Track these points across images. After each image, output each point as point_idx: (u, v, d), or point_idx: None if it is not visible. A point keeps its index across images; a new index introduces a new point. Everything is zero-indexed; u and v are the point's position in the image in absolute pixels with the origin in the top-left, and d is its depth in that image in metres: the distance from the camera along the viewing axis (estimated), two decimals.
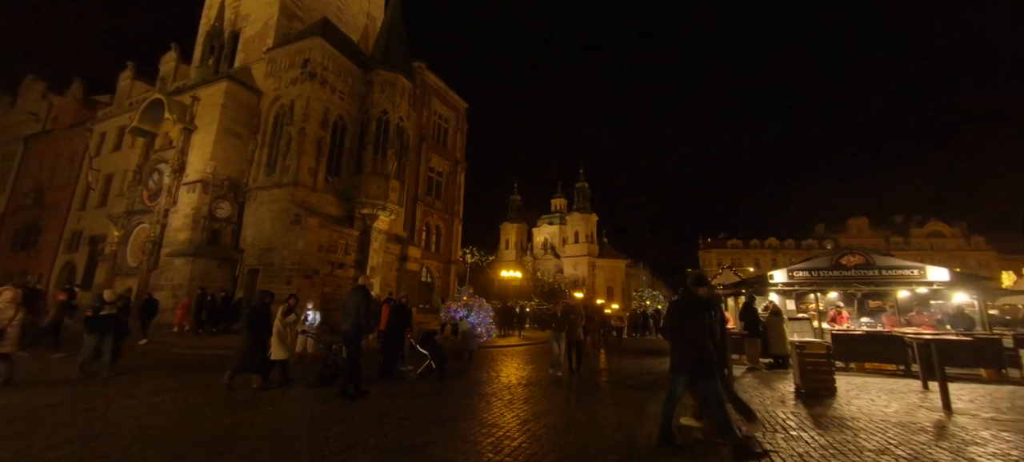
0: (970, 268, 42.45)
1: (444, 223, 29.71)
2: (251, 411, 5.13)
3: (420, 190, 27.28)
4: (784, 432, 4.63)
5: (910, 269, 10.74)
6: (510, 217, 73.56)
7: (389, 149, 20.82)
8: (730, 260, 48.60)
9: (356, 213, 20.01)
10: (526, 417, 5.17)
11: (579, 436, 4.42)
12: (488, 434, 4.42)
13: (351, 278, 19.74)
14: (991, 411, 5.71)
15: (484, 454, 3.79)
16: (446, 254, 29.73)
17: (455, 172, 30.65)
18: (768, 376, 8.68)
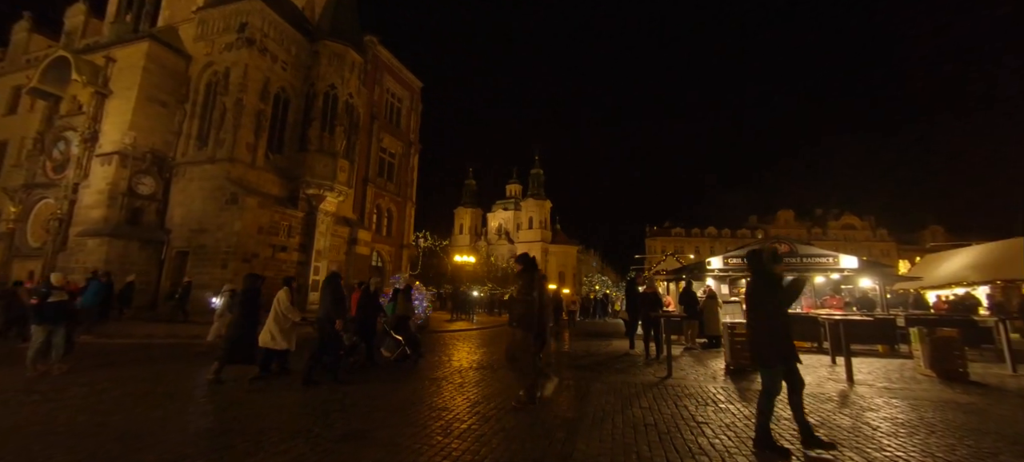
0: (874, 257, 47.82)
1: (396, 206, 28.91)
2: (238, 408, 4.78)
3: (371, 171, 26.27)
4: (714, 405, 5.03)
5: (826, 257, 11.95)
6: (465, 202, 72.94)
7: (337, 126, 19.81)
8: (673, 247, 51.42)
9: (301, 193, 18.93)
10: (476, 399, 5.23)
11: (528, 416, 4.53)
12: (438, 417, 4.43)
13: (296, 262, 18.78)
14: (885, 381, 6.53)
15: (433, 436, 3.80)
16: (398, 238, 29.02)
17: (408, 154, 29.80)
18: (703, 355, 9.35)
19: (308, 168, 18.80)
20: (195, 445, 3.52)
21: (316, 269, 18.86)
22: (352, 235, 22.94)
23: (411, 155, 29.98)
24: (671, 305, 12.64)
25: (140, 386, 5.58)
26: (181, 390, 5.50)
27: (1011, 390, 6.05)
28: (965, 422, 4.42)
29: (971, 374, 6.70)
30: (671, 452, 3.49)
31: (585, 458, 3.34)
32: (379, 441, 3.65)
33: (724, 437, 3.88)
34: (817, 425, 4.26)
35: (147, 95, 17.38)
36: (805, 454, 3.45)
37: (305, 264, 18.95)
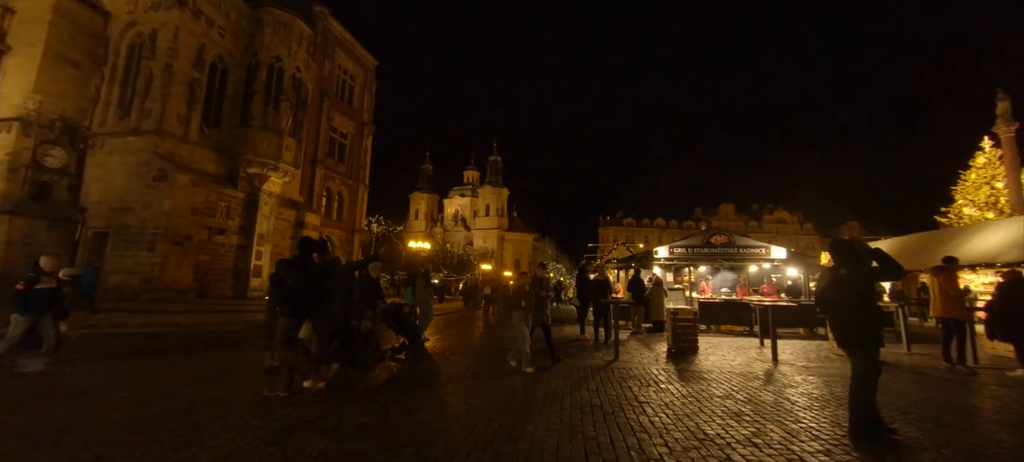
0: (801, 248, 52.41)
1: (348, 189, 27.78)
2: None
3: (320, 151, 25.01)
4: (656, 385, 5.33)
5: (760, 248, 12.92)
6: (421, 187, 71.52)
7: (283, 102, 18.59)
8: (624, 236, 53.49)
9: (241, 172, 17.69)
10: (426, 383, 5.21)
11: (478, 401, 4.58)
12: (397, 403, 4.37)
13: (235, 246, 17.60)
14: (804, 361, 7.22)
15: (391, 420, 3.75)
16: (350, 222, 27.97)
17: (361, 135, 28.63)
18: (648, 339, 9.87)
19: (250, 145, 17.57)
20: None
21: (258, 253, 17.79)
22: (299, 218, 21.81)
23: (364, 136, 28.83)
24: (620, 292, 13.17)
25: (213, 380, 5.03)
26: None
27: (906, 366, 6.90)
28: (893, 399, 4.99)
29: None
30: (614, 430, 3.67)
31: (533, 439, 3.43)
32: (324, 430, 3.55)
33: (663, 415, 4.13)
34: (745, 400, 4.65)
35: (55, 54, 15.40)
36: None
37: (246, 248, 17.82)
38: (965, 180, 23.32)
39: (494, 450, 3.20)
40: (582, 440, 3.44)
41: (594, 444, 3.36)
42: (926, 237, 17.50)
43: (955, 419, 4.16)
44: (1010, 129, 19.02)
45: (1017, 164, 19.28)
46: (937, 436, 3.62)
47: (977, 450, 3.36)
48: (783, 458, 3.13)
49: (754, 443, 3.41)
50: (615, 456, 3.14)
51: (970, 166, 23.24)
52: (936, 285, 6.87)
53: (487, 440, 3.39)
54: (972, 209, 22.62)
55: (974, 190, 22.82)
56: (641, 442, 3.41)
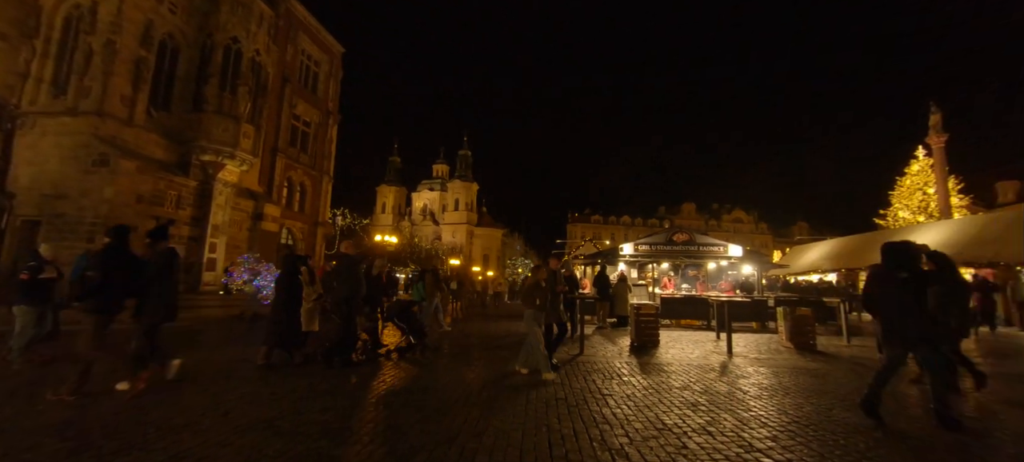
0: (755, 247, 55.19)
1: (311, 180, 26.82)
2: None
3: (281, 140, 24.00)
4: (618, 378, 5.49)
5: (718, 245, 13.51)
6: (388, 179, 69.97)
7: (241, 86, 17.63)
8: (592, 233, 54.44)
9: (193, 159, 16.67)
10: (384, 380, 5.13)
11: (443, 395, 4.56)
12: (355, 398, 4.27)
13: (186, 238, 16.61)
14: (756, 353, 7.63)
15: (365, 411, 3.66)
16: (312, 215, 27.03)
17: (326, 124, 27.66)
18: (612, 333, 10.13)
19: (204, 131, 16.56)
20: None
21: (212, 245, 16.87)
22: (257, 209, 20.83)
23: (329, 125, 27.87)
24: (587, 287, 13.44)
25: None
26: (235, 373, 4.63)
27: (845, 358, 7.43)
28: (811, 385, 5.34)
29: (818, 345, 8.10)
30: (578, 422, 3.76)
31: (498, 433, 3.45)
32: (281, 430, 3.43)
33: (625, 406, 4.26)
34: (702, 391, 4.87)
35: None
36: None
37: (198, 240, 16.85)
38: (901, 186, 25.30)
39: (459, 444, 3.19)
40: (547, 432, 3.50)
41: (558, 436, 3.42)
42: (866, 238, 18.88)
43: (886, 405, 4.52)
44: (940, 140, 20.76)
45: (945, 172, 21.10)
46: (873, 419, 3.92)
47: (906, 435, 3.68)
48: (734, 445, 3.31)
49: (708, 431, 3.58)
50: (578, 447, 3.21)
51: (905, 173, 25.23)
52: None
53: (452, 435, 3.39)
54: (907, 213, 24.57)
55: (908, 195, 24.80)
56: (603, 433, 3.50)
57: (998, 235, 12.69)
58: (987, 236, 13.01)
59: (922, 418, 4.13)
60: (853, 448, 3.27)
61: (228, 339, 8.48)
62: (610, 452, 3.13)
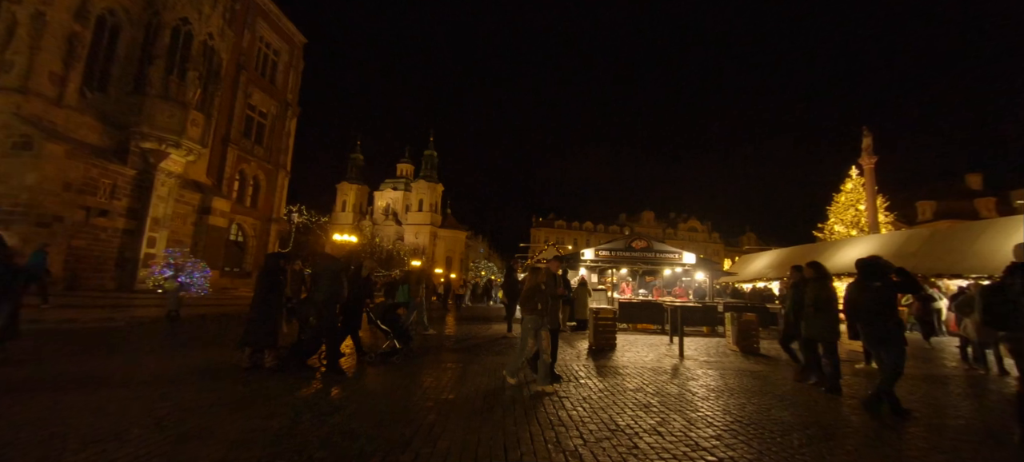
0: (708, 255, 58.00)
1: (265, 174, 25.58)
2: None
3: (234, 130, 22.75)
4: (575, 381, 5.59)
5: (674, 253, 14.08)
6: (350, 177, 67.87)
7: (190, 71, 16.58)
8: (555, 238, 55.29)
9: (133, 146, 15.50)
10: (340, 383, 4.96)
11: (404, 398, 4.47)
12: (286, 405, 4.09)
13: (121, 231, 15.37)
14: (705, 356, 8.00)
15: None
16: (266, 210, 25.76)
17: (284, 116, 26.49)
18: (571, 337, 10.29)
19: (146, 116, 15.43)
20: None
21: (151, 240, 15.71)
22: (205, 203, 19.62)
23: (287, 118, 26.71)
24: None
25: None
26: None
27: (785, 361, 7.93)
28: (754, 386, 5.67)
29: (762, 349, 8.61)
30: (534, 425, 3.79)
31: (454, 437, 3.42)
32: (223, 438, 3.23)
33: (581, 408, 4.34)
34: (653, 393, 5.05)
35: None
36: None
37: (135, 234, 15.64)
38: (837, 202, 27.44)
39: (412, 451, 3.13)
40: (503, 436, 3.50)
41: (514, 439, 3.43)
42: (805, 249, 20.31)
43: (819, 405, 4.87)
44: (871, 161, 22.71)
45: (875, 191, 23.09)
46: (806, 417, 4.22)
47: (832, 428, 3.98)
48: (681, 444, 3.45)
49: (658, 431, 3.72)
50: (533, 449, 3.24)
51: (841, 190, 27.39)
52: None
53: (405, 440, 3.32)
54: (841, 226, 26.66)
55: (843, 211, 26.93)
56: (558, 435, 3.55)
57: (916, 250, 14.02)
58: (907, 250, 14.34)
59: (854, 412, 4.48)
60: (788, 445, 3.49)
61: (164, 341, 7.90)
62: (564, 454, 3.18)
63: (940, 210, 36.49)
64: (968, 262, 11.65)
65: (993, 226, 13.38)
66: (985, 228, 13.55)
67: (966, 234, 13.54)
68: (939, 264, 12.64)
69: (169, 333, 8.69)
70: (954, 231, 14.59)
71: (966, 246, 12.61)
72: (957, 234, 13.96)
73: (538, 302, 5.21)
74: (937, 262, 12.73)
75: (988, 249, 11.49)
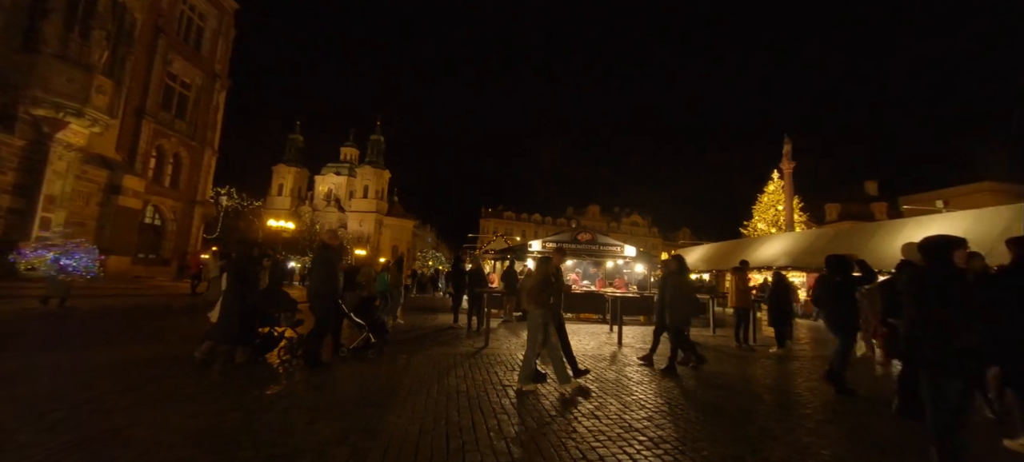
0: (648, 249, 61.28)
1: (189, 152, 23.29)
2: None
3: (151, 102, 20.46)
4: (518, 370, 5.69)
5: (617, 246, 14.72)
6: (288, 159, 63.66)
7: (96, 30, 14.62)
8: (504, 229, 55.63)
9: (21, 112, 13.44)
10: (274, 376, 4.70)
11: (345, 390, 4.31)
12: (240, 399, 3.81)
13: (6, 209, 13.34)
14: (641, 343, 8.48)
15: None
16: (189, 192, 23.51)
17: (211, 88, 24.20)
18: (517, 327, 10.45)
19: (39, 78, 13.42)
20: None
21: (44, 221, 13.78)
22: (113, 181, 17.52)
23: (215, 91, 24.43)
24: (495, 281, 13.69)
25: None
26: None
27: (712, 346, 8.62)
28: (684, 370, 6.10)
29: (692, 336, 9.26)
30: (477, 414, 3.82)
31: (394, 430, 3.36)
32: (131, 440, 2.93)
33: (523, 396, 4.44)
34: (593, 379, 5.27)
35: None
36: None
37: (25, 214, 13.66)
38: (760, 202, 30.08)
39: (350, 445, 3.04)
40: (445, 426, 3.50)
41: (457, 428, 3.44)
42: (732, 244, 22.08)
43: (737, 386, 5.36)
44: (790, 166, 25.08)
45: (792, 193, 25.56)
46: (726, 399, 4.62)
47: (747, 406, 4.40)
48: (616, 426, 3.65)
49: (596, 415, 3.90)
50: (475, 438, 3.27)
51: (764, 191, 30.03)
52: (733, 282, 8.73)
53: (342, 435, 3.21)
54: (763, 224, 29.29)
55: (765, 210, 29.58)
56: (501, 423, 3.61)
57: (823, 246, 15.75)
58: (817, 246, 16.07)
59: (766, 391, 4.97)
60: (711, 423, 3.82)
61: (63, 336, 7.00)
62: (505, 440, 3.24)
63: (843, 212, 41.17)
64: (864, 257, 13.29)
65: (883, 227, 15.37)
66: (877, 229, 15.53)
67: (863, 234, 15.43)
68: None
69: (61, 327, 7.69)
70: (853, 231, 16.58)
71: (863, 244, 14.36)
72: (856, 233, 15.86)
73: (550, 295, 4.85)
74: None
75: (880, 247, 13.16)
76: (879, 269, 11.70)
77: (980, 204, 21.68)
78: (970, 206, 18.15)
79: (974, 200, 29.76)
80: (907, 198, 38.38)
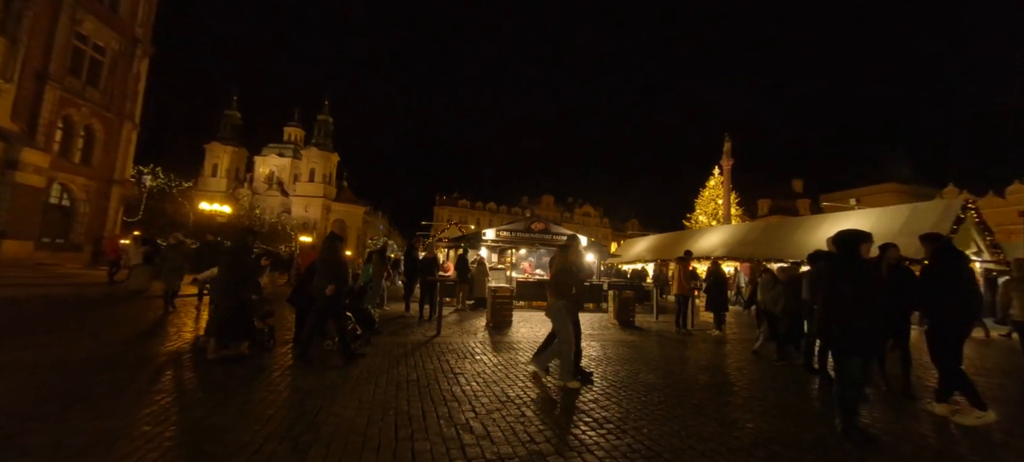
0: (599, 239, 63.27)
1: (103, 124, 20.90)
2: None
3: (56, 65, 18.09)
4: (471, 357, 5.72)
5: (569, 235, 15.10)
6: (223, 137, 59.01)
7: None
8: (458, 217, 55.12)
9: None
10: (212, 368, 4.39)
11: (290, 383, 4.11)
12: (165, 395, 3.51)
13: None
14: (590, 329, 8.78)
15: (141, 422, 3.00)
16: (105, 169, 21.15)
17: (132, 54, 21.77)
18: (470, 315, 10.47)
19: None
20: None
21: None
22: (9, 155, 15.41)
23: (136, 57, 21.99)
24: (450, 270, 13.56)
25: None
26: None
27: (654, 332, 9.11)
28: (628, 354, 6.42)
29: (637, 322, 9.75)
30: (427, 402, 3.80)
31: (340, 421, 3.27)
32: (26, 449, 2.63)
33: (475, 383, 4.47)
34: None
35: None
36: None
37: None
38: (702, 196, 31.97)
39: (292, 439, 2.92)
40: (394, 415, 3.44)
41: (406, 418, 3.40)
42: (676, 235, 23.38)
43: (675, 368, 5.72)
44: (729, 163, 26.81)
45: (730, 189, 27.37)
46: (667, 380, 4.92)
47: (684, 386, 4.71)
48: (564, 409, 3.77)
49: (543, 400, 4.01)
50: (425, 426, 3.25)
51: (705, 186, 31.93)
52: (676, 271, 9.25)
53: (284, 430, 3.07)
54: (704, 217, 31.17)
55: (706, 204, 31.49)
56: (451, 410, 3.62)
57: (755, 238, 17.09)
58: (750, 238, 17.41)
59: (702, 372, 5.34)
60: (650, 402, 4.05)
61: None
62: (456, 427, 3.26)
63: (773, 207, 44.77)
64: (789, 249, 14.55)
65: (806, 221, 16.92)
66: (801, 223, 17.06)
67: (789, 227, 16.90)
68: (770, 250, 15.57)
69: None
70: (781, 224, 18.10)
71: (788, 236, 15.74)
72: (783, 227, 17.34)
73: (573, 285, 4.59)
74: (768, 249, 15.66)
75: (804, 239, 14.48)
76: (799, 259, 12.93)
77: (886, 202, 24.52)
78: (878, 204, 20.42)
79: (881, 199, 33.58)
80: (827, 196, 42.40)
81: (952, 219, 11.49)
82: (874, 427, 3.59)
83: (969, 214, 11.95)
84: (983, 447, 3.36)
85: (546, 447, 2.99)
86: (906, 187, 39.31)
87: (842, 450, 3.12)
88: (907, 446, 3.30)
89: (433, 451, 2.85)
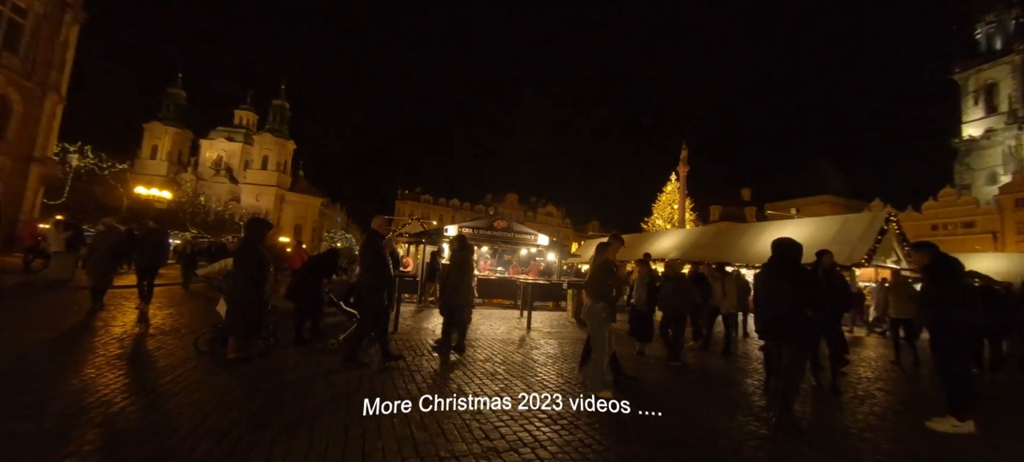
0: (561, 239, 64.33)
1: (22, 95, 18.83)
2: None
3: None
4: (428, 355, 5.64)
5: (532, 234, 15.20)
6: (165, 116, 54.89)
7: None
8: (421, 212, 54.23)
9: None
10: (161, 367, 4.06)
11: (237, 383, 3.87)
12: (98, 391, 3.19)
13: None
14: (548, 328, 8.92)
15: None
16: (23, 146, 19.06)
17: (59, 19, 19.73)
18: (432, 313, 10.32)
19: None
20: None
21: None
22: None
23: (64, 22, 19.95)
24: (410, 265, 13.33)
25: None
26: None
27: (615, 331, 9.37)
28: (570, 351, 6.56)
29: None
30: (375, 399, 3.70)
31: (288, 421, 3.11)
32: None
33: (431, 381, 4.42)
34: (500, 362, 5.42)
35: None
36: None
37: None
38: (659, 201, 33.22)
39: (232, 440, 2.75)
40: (344, 414, 3.33)
41: (357, 416, 3.30)
42: (634, 237, 24.17)
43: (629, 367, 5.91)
44: (685, 170, 28.02)
45: (685, 194, 28.62)
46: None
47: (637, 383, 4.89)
48: (520, 407, 3.80)
49: (500, 397, 4.02)
50: (377, 425, 3.16)
51: (663, 191, 33.21)
52: (636, 272, 9.56)
53: (225, 429, 2.90)
54: (661, 221, 32.42)
55: (663, 208, 32.74)
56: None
57: (707, 242, 17.99)
58: (701, 243, 18.30)
59: (653, 368, 5.55)
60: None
61: None
62: (409, 426, 3.19)
63: (723, 213, 47.34)
64: (736, 254, 15.42)
65: (753, 228, 17.99)
66: (748, 229, 18.13)
67: (737, 232, 17.93)
68: (720, 254, 16.44)
69: None
70: (730, 230, 19.16)
71: (736, 241, 16.68)
72: (732, 232, 18.37)
73: (613, 287, 4.34)
74: (719, 253, 16.52)
75: (750, 245, 15.39)
76: (747, 263, 13.73)
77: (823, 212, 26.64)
78: (815, 214, 22.12)
79: (818, 209, 36.45)
80: (771, 204, 45.33)
81: (877, 230, 12.59)
82: (805, 420, 3.88)
83: (891, 226, 13.13)
84: (895, 435, 3.72)
85: (501, 444, 3.00)
86: (840, 199, 42.97)
87: (774, 441, 3.35)
88: (831, 439, 3.59)
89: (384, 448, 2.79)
